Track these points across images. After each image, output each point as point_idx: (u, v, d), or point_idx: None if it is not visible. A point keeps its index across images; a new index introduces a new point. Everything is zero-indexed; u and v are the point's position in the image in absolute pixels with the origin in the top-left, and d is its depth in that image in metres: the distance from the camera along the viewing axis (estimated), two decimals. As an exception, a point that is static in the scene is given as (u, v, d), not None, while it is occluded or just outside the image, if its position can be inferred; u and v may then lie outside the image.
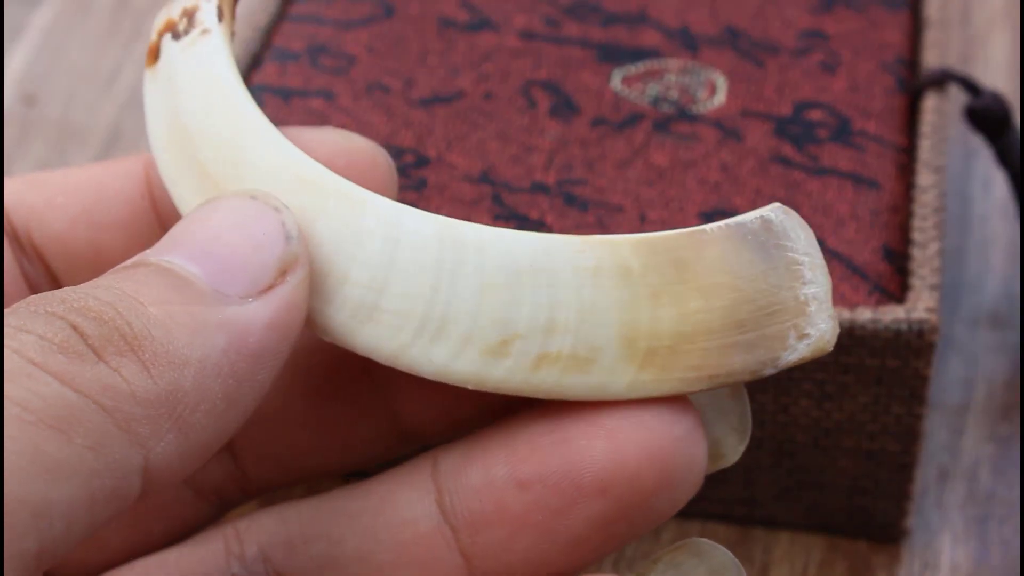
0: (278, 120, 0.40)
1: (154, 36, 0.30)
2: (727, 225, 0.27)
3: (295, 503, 0.29)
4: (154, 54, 0.29)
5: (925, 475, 0.40)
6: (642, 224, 0.37)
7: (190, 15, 0.29)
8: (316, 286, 0.27)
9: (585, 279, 0.26)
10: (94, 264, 0.31)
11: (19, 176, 0.31)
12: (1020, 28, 0.52)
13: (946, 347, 0.43)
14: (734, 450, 0.28)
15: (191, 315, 0.25)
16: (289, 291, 0.26)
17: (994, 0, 0.53)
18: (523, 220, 0.37)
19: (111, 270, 0.26)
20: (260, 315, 0.25)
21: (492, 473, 0.27)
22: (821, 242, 0.37)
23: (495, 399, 0.28)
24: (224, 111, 0.28)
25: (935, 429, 0.41)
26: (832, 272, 0.37)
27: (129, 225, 0.31)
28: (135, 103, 0.51)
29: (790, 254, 0.27)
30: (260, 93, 0.41)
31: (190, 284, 0.25)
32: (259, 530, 0.29)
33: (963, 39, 0.52)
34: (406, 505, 0.28)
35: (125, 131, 0.50)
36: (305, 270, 0.26)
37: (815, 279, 0.27)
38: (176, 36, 0.29)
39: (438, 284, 0.26)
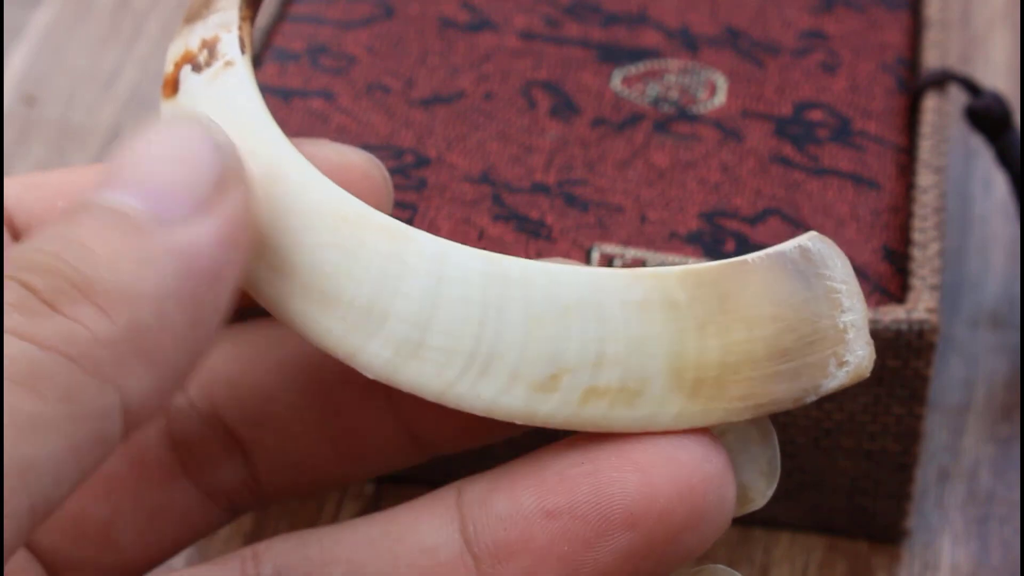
0: (278, 120, 0.40)
1: (170, 67, 0.29)
2: (768, 256, 0.27)
3: (315, 529, 0.28)
4: (172, 86, 0.29)
5: (925, 475, 0.40)
6: (642, 224, 0.37)
7: (211, 47, 0.29)
8: (358, 323, 0.26)
9: (633, 313, 0.26)
10: None
11: (18, 177, 0.31)
12: (1020, 28, 0.52)
13: (946, 347, 0.43)
14: (762, 494, 0.28)
15: (136, 248, 0.24)
16: (231, 203, 0.25)
17: (994, 0, 0.53)
18: (523, 220, 0.37)
19: (56, 217, 0.25)
20: (205, 233, 0.25)
21: (519, 502, 0.27)
22: (821, 242, 0.37)
23: None
24: (256, 148, 0.27)
25: (935, 429, 0.41)
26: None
27: None
28: (135, 103, 0.51)
29: (828, 282, 0.27)
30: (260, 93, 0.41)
31: (130, 217, 0.25)
32: (277, 553, 0.28)
33: (963, 39, 0.52)
34: (428, 532, 0.28)
35: (125, 131, 0.50)
36: (244, 183, 0.26)
37: (853, 306, 0.27)
38: (197, 68, 0.28)
39: (484, 320, 0.26)
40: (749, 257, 0.27)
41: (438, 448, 0.30)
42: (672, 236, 0.37)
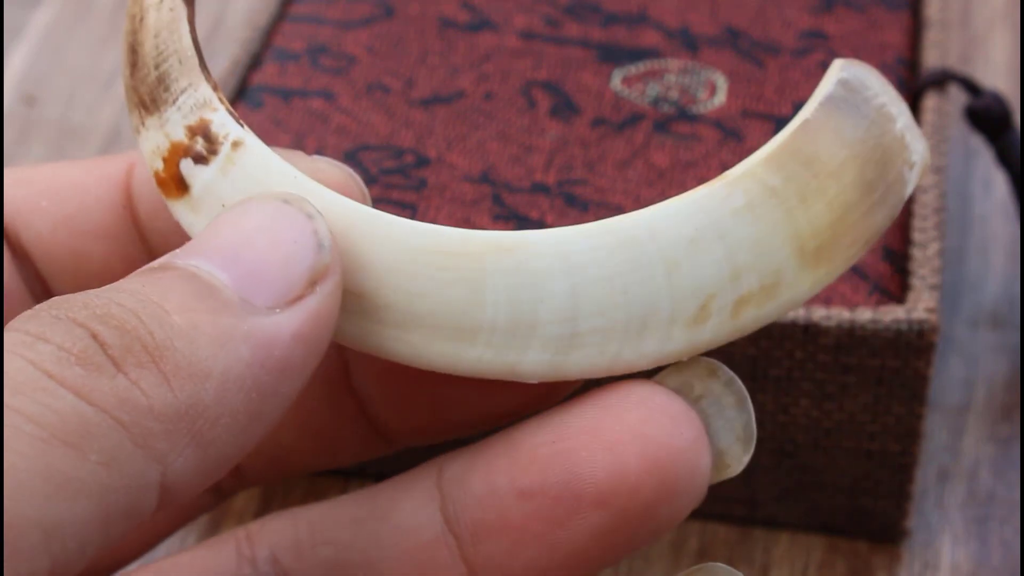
0: (278, 120, 0.40)
1: (158, 164, 0.27)
2: (820, 105, 0.27)
3: (306, 507, 0.29)
4: (177, 184, 0.27)
5: (925, 475, 0.40)
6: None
7: (204, 133, 0.27)
8: (508, 342, 0.26)
9: (745, 217, 0.27)
10: (76, 270, 0.30)
11: (10, 170, 0.31)
12: (1020, 28, 0.52)
13: (946, 347, 0.43)
14: (738, 460, 0.28)
15: (216, 325, 0.24)
16: (318, 302, 0.25)
17: (994, 0, 0.53)
18: (523, 220, 0.37)
19: (137, 271, 0.25)
20: (287, 327, 0.24)
21: (494, 482, 0.27)
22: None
23: (479, 406, 0.29)
24: (322, 213, 0.26)
25: (935, 429, 0.41)
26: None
27: (109, 234, 0.30)
28: (135, 103, 0.51)
29: (875, 101, 0.28)
30: (260, 93, 0.41)
31: (217, 292, 0.24)
32: (270, 533, 0.28)
33: (963, 39, 0.52)
34: (411, 512, 0.28)
35: (125, 131, 0.50)
36: (336, 280, 0.25)
37: (900, 111, 0.28)
38: (201, 160, 0.27)
39: (626, 286, 0.26)
40: (807, 115, 0.27)
41: (403, 442, 0.30)
42: (672, 236, 0.37)
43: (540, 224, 0.37)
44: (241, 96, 0.41)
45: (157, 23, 0.27)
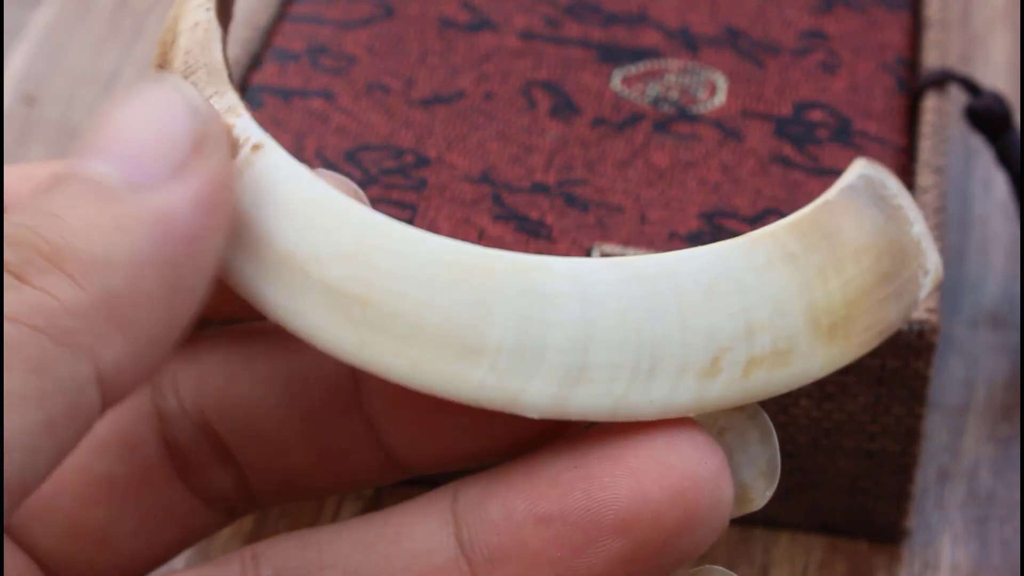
0: (278, 120, 0.40)
1: None
2: (842, 192, 0.28)
3: (314, 529, 0.28)
4: None
5: (925, 475, 0.40)
6: (642, 224, 0.37)
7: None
8: (513, 367, 0.26)
9: (764, 276, 0.27)
10: None
11: (15, 167, 0.31)
12: (1020, 28, 0.52)
13: (946, 347, 0.43)
14: (762, 495, 0.28)
15: (109, 215, 0.24)
16: (207, 164, 0.25)
17: (994, 0, 0.53)
18: (523, 220, 0.37)
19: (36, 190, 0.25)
20: (182, 196, 0.24)
21: (512, 507, 0.27)
22: (821, 242, 0.37)
23: (492, 437, 0.28)
24: (333, 221, 0.26)
25: (935, 429, 0.41)
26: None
27: None
28: (135, 103, 0.51)
29: (894, 202, 0.28)
30: (260, 93, 0.41)
31: (102, 184, 0.24)
32: (277, 554, 0.28)
33: (963, 39, 0.52)
34: (423, 536, 0.27)
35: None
36: (220, 138, 0.25)
37: (916, 218, 0.28)
38: None
39: (640, 323, 0.26)
40: (829, 197, 0.27)
41: (418, 470, 0.30)
42: (672, 236, 0.37)
43: (540, 224, 0.37)
44: (241, 96, 0.41)
45: (189, 43, 0.27)
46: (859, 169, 0.28)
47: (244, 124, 0.27)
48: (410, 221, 0.37)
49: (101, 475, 0.29)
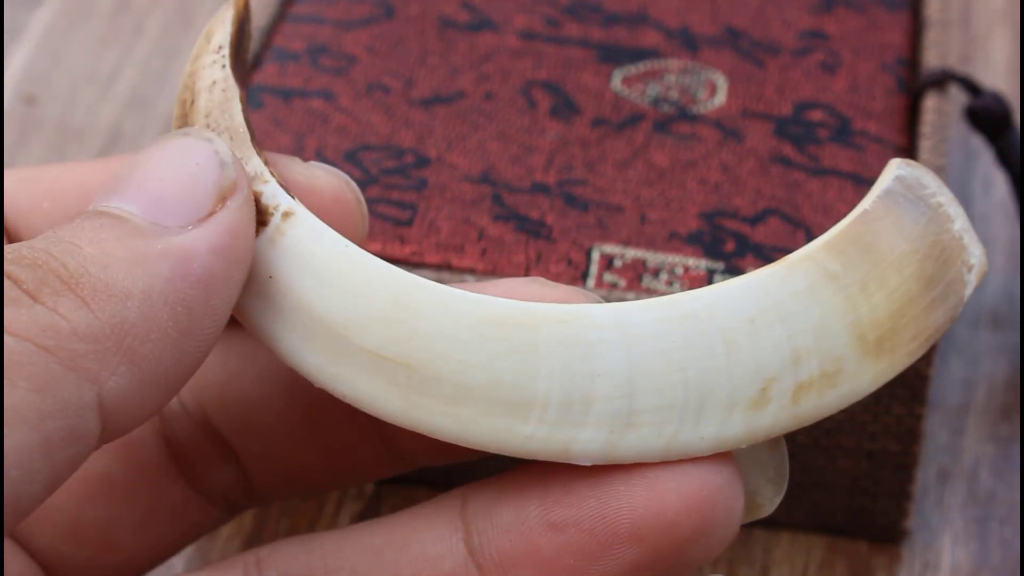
0: (278, 120, 0.40)
1: None
2: (879, 198, 0.28)
3: (319, 534, 0.28)
4: None
5: (925, 475, 0.40)
6: (642, 224, 0.37)
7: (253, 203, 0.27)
8: (562, 418, 0.26)
9: (806, 300, 0.27)
10: None
11: (14, 171, 0.31)
12: (1020, 28, 0.52)
13: (946, 347, 0.43)
14: (770, 501, 0.28)
15: (128, 249, 0.24)
16: (230, 215, 0.25)
17: (994, 0, 0.53)
18: (523, 220, 0.37)
19: (54, 221, 0.26)
20: (202, 240, 0.25)
21: (525, 513, 0.27)
22: (821, 242, 0.37)
23: None
24: (371, 286, 0.26)
25: (935, 429, 0.41)
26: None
27: None
28: (135, 103, 0.51)
29: (932, 200, 0.28)
30: (260, 93, 0.41)
31: (125, 221, 0.25)
32: (280, 558, 0.28)
33: (963, 39, 0.52)
34: (432, 542, 0.27)
35: (125, 131, 0.50)
36: (244, 194, 0.26)
37: (957, 213, 0.28)
38: None
39: (685, 363, 0.26)
40: (866, 206, 0.27)
41: (421, 462, 0.30)
42: (672, 236, 0.37)
43: (540, 224, 0.37)
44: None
45: (208, 104, 0.27)
46: (895, 171, 0.28)
47: (272, 191, 0.27)
48: (410, 221, 0.37)
49: (101, 474, 0.29)
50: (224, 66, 0.27)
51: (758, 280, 0.27)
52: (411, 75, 0.41)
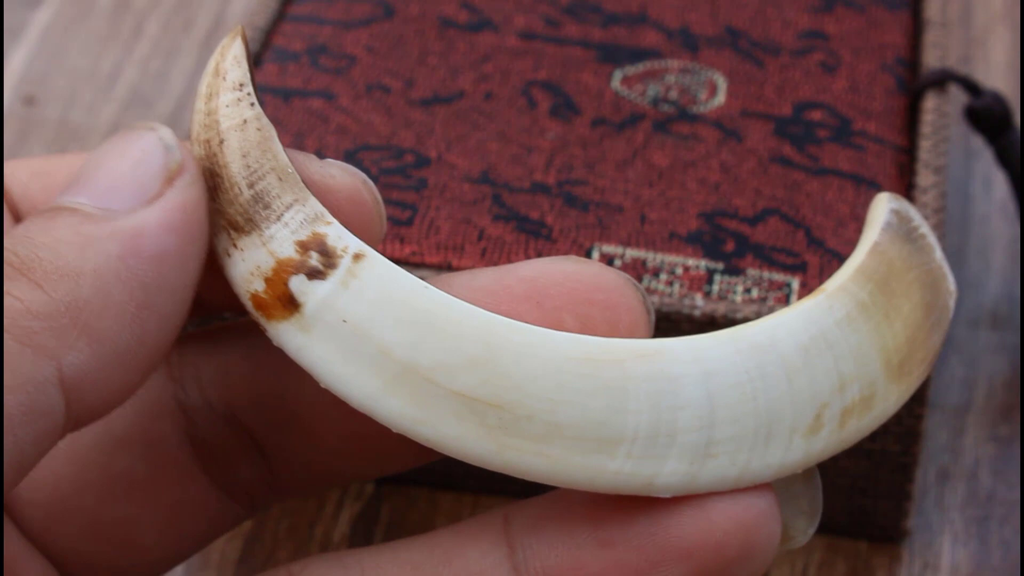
0: (277, 120, 0.40)
1: (257, 286, 0.26)
2: (884, 232, 0.28)
3: (355, 550, 0.28)
4: (285, 304, 0.26)
5: (925, 475, 0.40)
6: (642, 224, 0.37)
7: (319, 247, 0.26)
8: (647, 452, 0.26)
9: (846, 329, 0.27)
10: None
11: (27, 161, 0.31)
12: (1020, 28, 0.52)
13: (946, 347, 0.43)
14: (803, 533, 0.28)
15: (78, 233, 0.25)
16: (178, 193, 0.26)
17: (994, 0, 0.53)
18: (523, 220, 0.37)
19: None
20: (151, 219, 0.25)
21: (572, 530, 0.27)
22: (821, 242, 0.37)
23: None
24: (455, 328, 0.26)
25: (935, 429, 0.41)
26: (832, 272, 0.37)
27: None
28: (135, 103, 0.51)
29: (918, 232, 0.29)
30: (260, 93, 0.41)
31: (76, 211, 0.26)
32: (313, 574, 0.28)
33: (963, 39, 0.52)
34: (475, 558, 0.27)
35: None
36: (192, 173, 0.26)
37: (935, 244, 0.29)
38: (317, 275, 0.26)
39: (756, 392, 0.26)
40: (876, 239, 0.28)
41: None
42: (672, 236, 0.37)
43: (540, 224, 0.37)
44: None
45: (244, 143, 0.27)
46: (887, 204, 0.29)
47: (337, 232, 0.26)
48: (410, 221, 0.37)
49: (122, 472, 0.29)
50: (253, 104, 0.27)
51: (807, 310, 0.27)
52: (411, 75, 0.41)
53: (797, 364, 0.27)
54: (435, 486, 0.40)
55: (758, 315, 0.35)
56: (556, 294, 0.27)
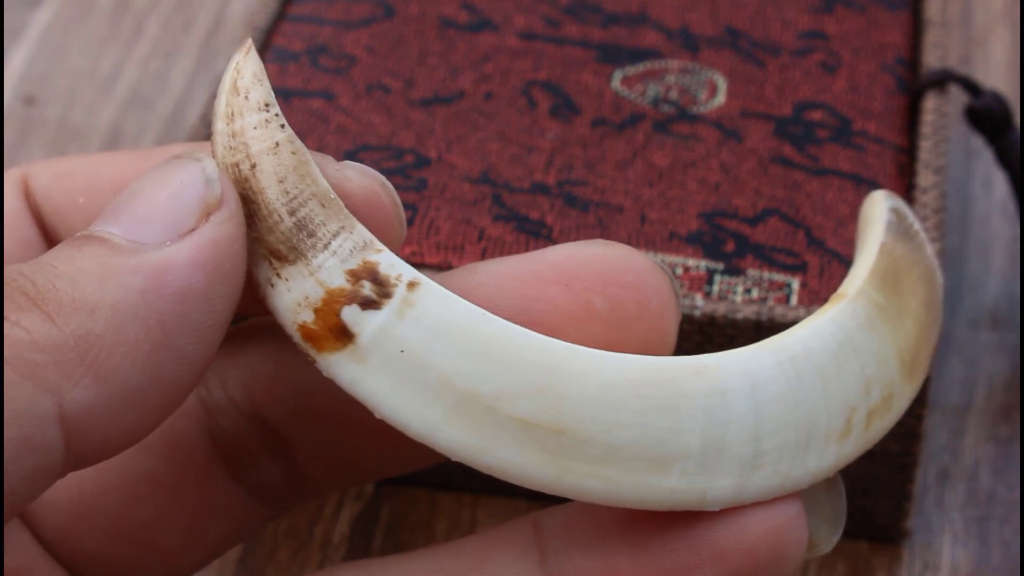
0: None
1: (305, 317, 0.25)
2: (888, 232, 0.29)
3: (380, 559, 0.28)
4: (338, 335, 0.25)
5: (925, 475, 0.40)
6: (642, 224, 0.37)
7: (371, 275, 0.25)
8: (700, 469, 0.26)
9: (868, 333, 0.27)
10: None
11: (51, 163, 0.30)
12: (1020, 28, 0.52)
13: (946, 347, 0.43)
14: (827, 540, 0.28)
15: (102, 265, 0.24)
16: (213, 228, 0.25)
17: (994, 1, 0.53)
18: (523, 220, 0.37)
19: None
20: (179, 254, 0.24)
21: (604, 535, 0.27)
22: (821, 242, 0.37)
23: None
24: (516, 355, 0.25)
25: (935, 429, 0.41)
26: (832, 272, 0.37)
27: None
28: (135, 103, 0.51)
29: (913, 229, 0.29)
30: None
31: (105, 241, 0.25)
32: None
33: (963, 40, 0.52)
34: (505, 563, 0.27)
35: (125, 131, 0.50)
36: (231, 209, 0.25)
37: (926, 239, 0.30)
38: (371, 305, 0.25)
39: (796, 401, 0.27)
40: (883, 239, 0.28)
41: None
42: (672, 236, 0.37)
43: (540, 224, 0.37)
44: (241, 96, 0.41)
45: (280, 168, 0.26)
46: (885, 202, 0.29)
47: (389, 260, 0.26)
48: (410, 221, 0.37)
49: (145, 473, 0.29)
50: (283, 125, 0.26)
51: (834, 316, 0.27)
52: (411, 75, 0.41)
53: (831, 371, 0.27)
54: (435, 486, 0.40)
55: (758, 315, 0.35)
56: (584, 276, 0.27)
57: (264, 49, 0.42)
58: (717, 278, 0.36)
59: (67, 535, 0.29)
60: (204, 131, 0.40)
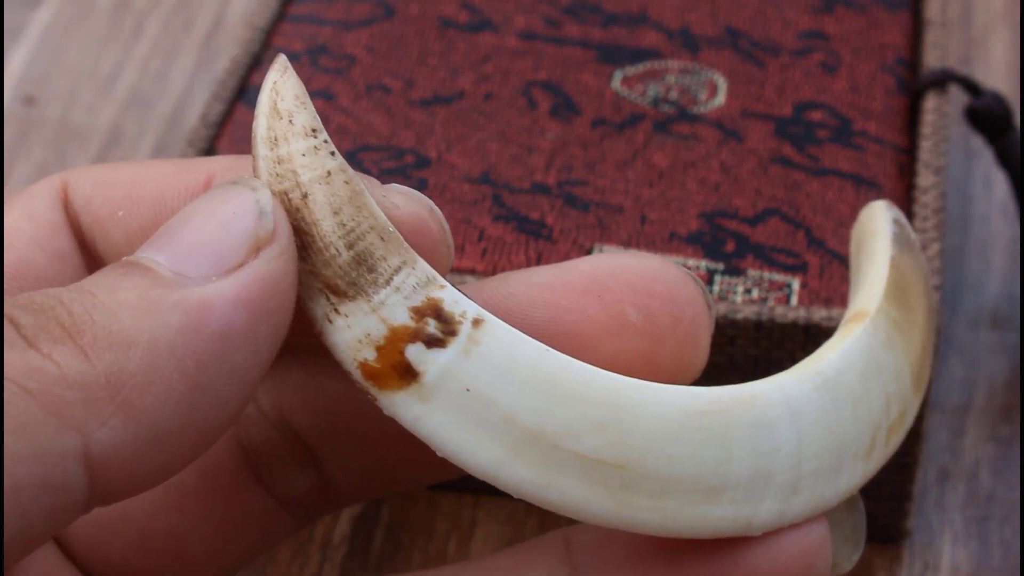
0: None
1: (367, 355, 0.25)
2: (894, 244, 0.29)
3: (409, 574, 0.27)
4: (402, 374, 0.25)
5: (925, 475, 0.40)
6: (642, 224, 0.37)
7: (435, 313, 0.25)
8: (748, 496, 0.26)
9: (888, 350, 0.28)
10: None
11: (91, 170, 0.29)
12: (1020, 28, 0.52)
13: (946, 347, 0.43)
14: (848, 559, 0.28)
15: (143, 298, 0.23)
16: (261, 266, 0.24)
17: (994, 1, 0.53)
18: (523, 220, 0.37)
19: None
20: (224, 292, 0.23)
21: (637, 552, 0.26)
22: (821, 242, 0.37)
23: None
24: (585, 390, 0.25)
25: (935, 429, 0.41)
26: (832, 272, 0.37)
27: None
28: (135, 103, 0.51)
29: (912, 237, 0.30)
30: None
31: (147, 271, 0.24)
32: None
33: (964, 40, 0.52)
34: None
35: (125, 131, 0.50)
36: (283, 244, 0.24)
37: (918, 241, 0.30)
38: (436, 343, 0.25)
39: (831, 425, 0.27)
40: (892, 253, 0.29)
41: None
42: (672, 236, 0.37)
43: (540, 224, 0.37)
44: (241, 96, 0.41)
45: (334, 199, 0.25)
46: (887, 213, 0.29)
47: (453, 297, 0.25)
48: (410, 221, 0.37)
49: (173, 482, 0.28)
50: (334, 153, 0.25)
51: (861, 337, 0.28)
52: (411, 75, 0.41)
53: (860, 393, 0.27)
54: (435, 487, 0.40)
55: (758, 315, 0.35)
56: (616, 287, 0.27)
57: (264, 49, 0.42)
58: (717, 278, 0.36)
59: (93, 544, 0.28)
60: (204, 131, 0.40)
